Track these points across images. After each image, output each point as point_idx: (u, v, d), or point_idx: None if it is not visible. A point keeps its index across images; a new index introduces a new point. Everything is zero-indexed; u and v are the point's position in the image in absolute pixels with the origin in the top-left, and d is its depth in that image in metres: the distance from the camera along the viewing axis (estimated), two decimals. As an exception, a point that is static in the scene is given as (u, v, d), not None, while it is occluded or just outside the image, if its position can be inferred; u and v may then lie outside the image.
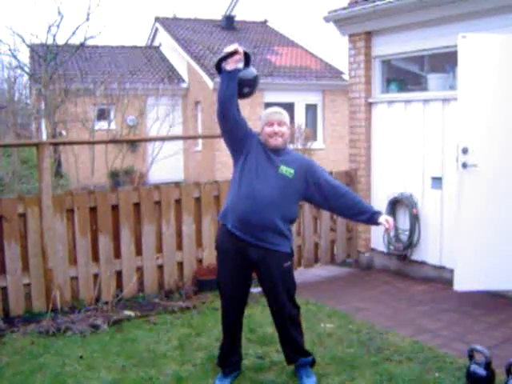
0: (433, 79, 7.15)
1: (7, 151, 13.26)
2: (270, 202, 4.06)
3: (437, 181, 6.88)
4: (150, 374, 4.55)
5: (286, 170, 4.13)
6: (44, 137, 15.07)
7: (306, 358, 4.38)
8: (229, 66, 4.18)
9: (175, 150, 15.65)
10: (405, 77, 7.82)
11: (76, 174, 12.55)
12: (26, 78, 18.56)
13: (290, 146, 15.53)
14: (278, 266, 4.17)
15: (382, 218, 4.22)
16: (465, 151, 5.86)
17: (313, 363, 4.45)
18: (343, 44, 8.37)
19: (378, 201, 7.66)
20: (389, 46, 7.51)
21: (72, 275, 6.16)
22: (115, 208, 6.32)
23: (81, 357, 4.94)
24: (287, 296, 4.23)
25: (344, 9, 7.71)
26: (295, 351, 4.35)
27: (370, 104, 7.73)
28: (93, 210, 6.22)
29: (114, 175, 14.43)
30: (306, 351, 4.40)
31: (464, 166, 5.86)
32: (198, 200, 6.76)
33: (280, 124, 4.17)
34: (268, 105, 19.75)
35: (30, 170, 12.90)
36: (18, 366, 4.78)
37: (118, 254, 6.36)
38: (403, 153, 7.30)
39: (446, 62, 6.99)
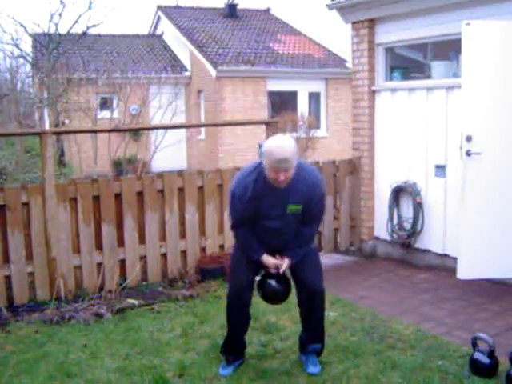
0: (436, 67, 7.11)
1: (10, 140, 13.25)
2: (286, 234, 4.27)
3: (440, 169, 6.86)
4: (153, 362, 4.56)
5: (294, 208, 4.14)
6: (47, 126, 15.06)
7: (318, 344, 4.48)
8: (267, 265, 4.33)
9: (178, 139, 15.66)
10: (408, 65, 7.77)
11: (79, 163, 12.55)
12: (28, 67, 18.52)
13: (294, 135, 15.53)
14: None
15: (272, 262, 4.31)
16: (468, 139, 5.83)
17: (320, 352, 4.48)
18: (346, 32, 8.33)
19: (382, 189, 7.65)
20: (392, 34, 7.47)
21: (76, 264, 6.17)
22: (118, 197, 6.32)
23: (85, 345, 4.96)
24: (317, 271, 4.44)
25: (347, -4, 7.66)
26: (315, 335, 4.48)
27: (374, 92, 7.70)
28: (96, 198, 6.22)
29: (116, 164, 14.44)
30: (322, 338, 4.52)
31: (468, 153, 5.84)
32: (201, 188, 6.76)
33: (286, 170, 3.93)
34: (271, 93, 19.80)
35: (33, 159, 12.88)
36: (23, 355, 4.80)
37: (121, 242, 6.36)
38: (407, 141, 7.27)
39: (449, 49, 6.95)
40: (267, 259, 4.26)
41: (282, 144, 3.91)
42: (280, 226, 4.20)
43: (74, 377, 4.40)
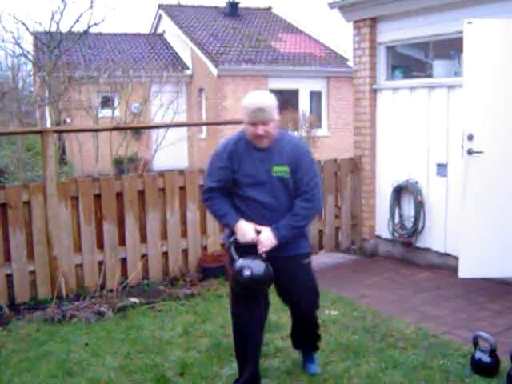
0: (438, 66, 7.11)
1: (11, 139, 13.25)
2: (274, 211, 3.82)
3: (442, 168, 6.85)
4: (155, 361, 4.56)
5: (280, 170, 3.79)
6: (48, 124, 15.06)
7: (311, 347, 4.38)
8: (238, 234, 3.83)
9: (179, 138, 15.64)
10: (410, 63, 7.77)
11: (80, 162, 12.56)
12: (29, 65, 18.50)
13: (295, 133, 15.50)
14: (297, 266, 3.98)
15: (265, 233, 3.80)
16: (470, 138, 5.83)
17: (316, 348, 4.40)
18: (348, 30, 8.32)
19: (383, 188, 7.65)
20: (394, 33, 7.46)
21: (77, 263, 6.17)
22: (120, 195, 6.32)
23: (86, 344, 4.96)
24: (309, 293, 4.12)
25: (349, -5, 7.66)
26: (306, 340, 4.39)
27: (375, 91, 7.70)
28: (97, 197, 6.22)
29: (118, 163, 14.43)
30: (316, 342, 4.38)
31: (469, 152, 5.83)
32: (202, 187, 6.73)
33: (265, 123, 3.69)
34: (272, 92, 19.68)
35: (34, 157, 12.89)
36: (24, 353, 4.80)
37: (122, 241, 6.36)
38: (408, 140, 7.27)
39: (451, 48, 6.95)
40: (242, 226, 3.78)
41: (259, 94, 3.79)
42: (267, 197, 3.80)
43: (76, 375, 4.40)
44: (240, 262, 3.72)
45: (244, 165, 3.81)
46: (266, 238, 3.76)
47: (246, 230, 3.78)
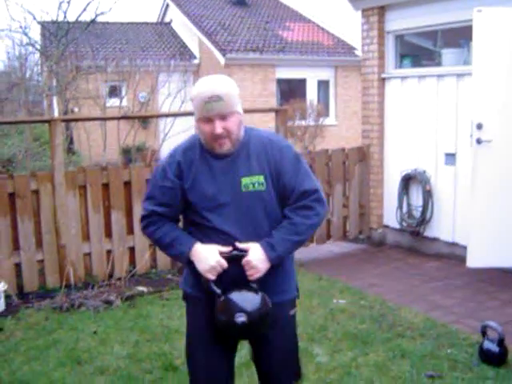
0: (447, 54, 7.06)
1: (19, 128, 13.27)
2: (249, 236, 2.73)
3: (450, 157, 6.83)
4: (163, 349, 4.58)
5: (251, 183, 2.72)
6: (56, 114, 15.07)
7: None
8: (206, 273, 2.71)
9: (187, 127, 15.62)
10: (418, 52, 7.73)
11: (88, 151, 12.56)
12: (37, 55, 18.50)
13: (302, 123, 15.44)
14: (280, 319, 2.84)
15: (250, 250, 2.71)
16: (479, 127, 5.80)
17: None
18: (356, 19, 8.28)
19: (391, 177, 7.63)
20: (402, 21, 7.42)
21: (85, 251, 6.19)
22: (127, 184, 6.33)
23: (94, 332, 4.98)
24: (291, 365, 2.98)
25: (357, -17, 7.62)
26: None
27: (383, 79, 7.66)
28: (105, 186, 6.23)
29: (125, 152, 14.43)
30: None
31: (478, 141, 5.80)
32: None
33: (224, 117, 2.64)
34: (280, 81, 19.77)
35: (42, 147, 12.90)
36: (33, 341, 4.83)
37: (130, 230, 6.38)
38: (416, 129, 7.24)
39: (460, 36, 6.90)
40: (200, 250, 2.72)
41: (213, 78, 2.71)
42: (237, 225, 2.73)
43: (84, 363, 4.42)
44: (226, 303, 2.69)
45: (199, 181, 2.73)
46: (257, 258, 2.68)
47: (206, 253, 2.68)
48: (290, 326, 2.95)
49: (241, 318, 2.64)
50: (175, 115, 10.47)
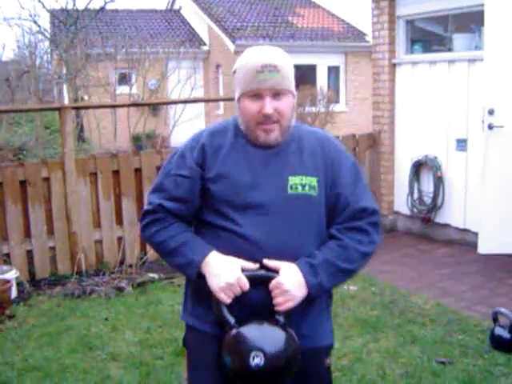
0: (458, 39, 7.01)
1: (30, 116, 13.31)
2: (286, 253, 2.11)
3: (462, 143, 6.78)
4: (174, 335, 4.59)
5: (302, 184, 2.15)
6: (66, 102, 15.09)
7: None
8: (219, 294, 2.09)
9: (197, 114, 15.64)
10: (429, 38, 7.67)
11: (98, 139, 12.60)
12: (46, 43, 18.53)
13: (312, 110, 15.40)
14: (313, 369, 2.25)
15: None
16: (491, 112, 5.76)
17: None
18: (366, 4, 8.22)
19: (402, 163, 7.59)
20: (413, 6, 7.35)
21: (96, 238, 6.21)
22: (138, 171, 6.34)
23: (106, 318, 5.00)
24: None
25: (367, -33, 7.56)
26: None
27: (394, 65, 7.61)
28: (116, 173, 6.24)
29: (136, 139, 14.46)
30: None
31: (490, 127, 5.76)
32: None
33: (277, 95, 2.10)
34: (290, 68, 19.61)
35: (52, 135, 12.94)
36: (45, 328, 4.86)
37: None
38: (427, 114, 7.19)
39: (471, 21, 6.84)
40: (219, 261, 2.11)
41: (268, 48, 2.17)
42: (275, 234, 2.12)
43: (96, 349, 4.44)
44: (238, 338, 2.06)
45: (230, 168, 2.15)
46: (292, 282, 2.06)
47: (224, 266, 2.09)
48: (324, 382, 2.31)
49: (256, 360, 1.97)
50: (185, 102, 10.47)
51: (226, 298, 2.07)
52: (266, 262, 2.09)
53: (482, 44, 6.22)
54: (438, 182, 7.03)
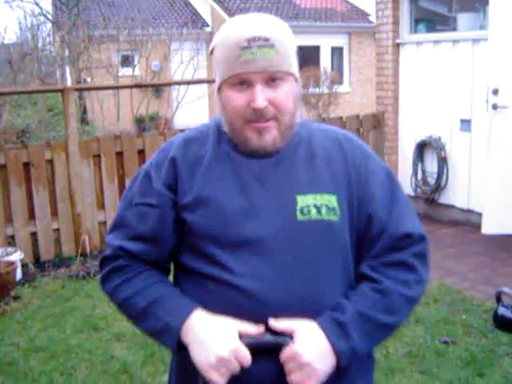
0: (462, 19, 6.95)
1: (33, 99, 13.28)
2: (300, 307, 1.52)
3: (466, 123, 6.76)
4: (178, 316, 4.60)
5: (316, 205, 1.55)
6: (69, 84, 15.06)
7: None
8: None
9: (200, 95, 15.59)
10: (433, 17, 7.61)
11: (101, 121, 12.58)
12: (48, 25, 18.45)
13: (316, 91, 15.35)
14: None
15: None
16: (495, 92, 5.73)
17: None
18: (370, -17, 8.16)
19: (406, 143, 7.57)
20: (417, -15, 7.31)
21: (100, 220, 6.22)
22: (141, 153, 6.33)
23: (111, 299, 5.02)
24: None
25: None
26: None
27: (398, 45, 7.56)
28: (119, 155, 6.24)
29: (139, 121, 14.45)
30: None
31: (494, 107, 5.74)
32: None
33: (272, 80, 1.51)
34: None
35: (56, 117, 12.93)
36: (50, 309, 4.89)
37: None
38: (431, 95, 7.16)
39: (476, 0, 6.78)
40: (208, 326, 1.49)
41: (258, 14, 1.59)
42: (277, 280, 1.51)
43: (101, 330, 4.47)
44: None
45: (215, 191, 1.56)
46: (312, 351, 1.46)
47: (215, 332, 1.48)
48: None
49: None
50: (188, 83, 10.45)
51: (219, 379, 1.43)
52: (272, 322, 1.47)
53: (486, 23, 6.18)
54: (442, 162, 7.01)
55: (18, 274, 5.49)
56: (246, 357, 1.44)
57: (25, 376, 3.85)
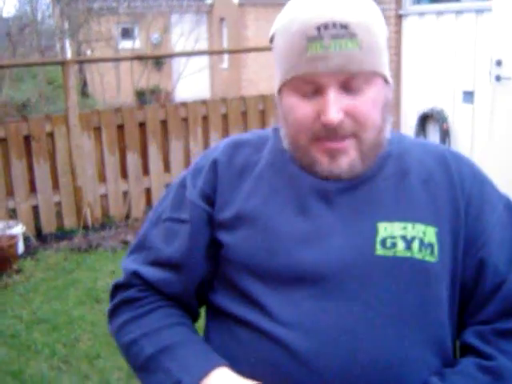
0: (466, -12, 6.89)
1: (33, 72, 13.23)
2: (370, 381, 1.05)
3: (468, 95, 6.72)
4: (180, 288, 4.62)
5: (405, 238, 1.11)
6: (69, 57, 14.97)
7: None
8: None
9: (201, 67, 15.53)
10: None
11: (102, 94, 12.53)
12: (48, -3, 18.28)
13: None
14: None
15: None
16: (498, 63, 5.68)
17: None
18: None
19: (408, 116, 7.54)
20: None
21: (102, 193, 6.21)
22: (142, 126, 6.30)
23: (113, 272, 5.03)
24: None
25: None
26: None
27: (400, 16, 7.49)
28: (120, 127, 6.21)
29: (139, 95, 14.38)
30: None
31: (497, 79, 5.69)
32: (224, 117, 6.70)
33: (350, 83, 1.11)
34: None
35: (56, 91, 12.88)
36: (52, 282, 4.90)
37: (146, 171, 6.38)
38: (434, 66, 7.11)
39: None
40: None
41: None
42: (342, 336, 1.06)
43: (103, 302, 4.48)
44: None
45: (266, 208, 1.17)
46: None
47: None
48: None
49: None
50: (189, 54, 10.38)
51: None
52: None
53: (490, -7, 6.11)
54: (445, 134, 6.98)
55: (20, 248, 5.49)
56: None
57: (28, 347, 3.87)
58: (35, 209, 5.95)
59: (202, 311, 1.33)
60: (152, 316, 1.20)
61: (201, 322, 1.33)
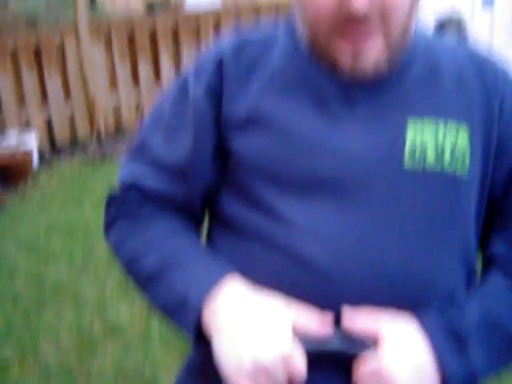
0: None
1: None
2: (394, 294, 0.95)
3: (488, 0, 6.53)
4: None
5: (436, 148, 0.98)
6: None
7: None
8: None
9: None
10: None
11: (111, 5, 12.29)
12: None
13: None
14: None
15: None
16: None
17: None
18: None
19: (426, 21, 7.35)
20: None
21: (114, 104, 6.16)
22: (153, 35, 6.19)
23: (127, 180, 5.07)
24: None
25: None
26: None
27: None
28: (131, 38, 6.10)
29: (149, 7, 14.11)
30: None
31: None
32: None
33: None
34: None
35: (64, 3, 12.63)
36: (68, 192, 4.95)
37: (158, 81, 6.31)
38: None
39: None
40: (258, 309, 0.92)
41: None
42: (366, 244, 0.94)
43: (118, 209, 4.53)
44: None
45: (281, 108, 1.00)
46: (407, 367, 0.90)
47: (259, 319, 0.91)
48: None
49: None
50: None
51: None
52: (348, 316, 0.94)
53: None
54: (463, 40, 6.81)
55: (35, 161, 5.51)
56: (301, 369, 0.90)
57: (47, 254, 3.94)
58: (48, 123, 5.92)
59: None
60: (155, 227, 1.08)
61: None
